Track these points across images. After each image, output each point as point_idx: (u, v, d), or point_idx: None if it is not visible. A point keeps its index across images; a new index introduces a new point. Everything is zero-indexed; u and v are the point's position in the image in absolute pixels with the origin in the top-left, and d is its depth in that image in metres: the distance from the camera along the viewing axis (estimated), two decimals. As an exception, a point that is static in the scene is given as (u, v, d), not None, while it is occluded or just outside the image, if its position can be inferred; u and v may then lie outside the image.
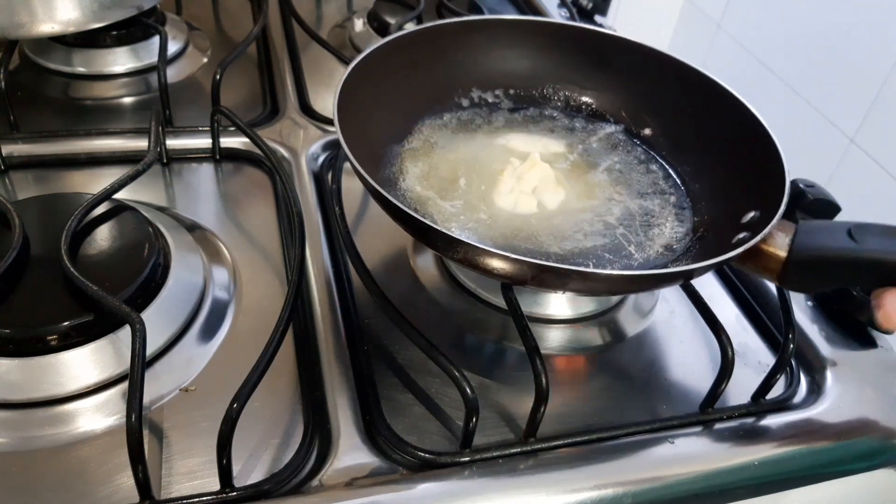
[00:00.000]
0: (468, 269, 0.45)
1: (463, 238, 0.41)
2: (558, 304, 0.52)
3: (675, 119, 0.59)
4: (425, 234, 0.44)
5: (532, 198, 0.53)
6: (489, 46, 0.61)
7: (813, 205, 0.56)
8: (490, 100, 0.62)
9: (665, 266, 0.49)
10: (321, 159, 0.65)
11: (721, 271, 0.60)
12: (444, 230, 0.41)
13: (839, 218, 0.57)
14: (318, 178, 0.62)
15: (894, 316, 0.42)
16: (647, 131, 0.61)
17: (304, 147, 0.64)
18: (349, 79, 0.50)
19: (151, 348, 0.45)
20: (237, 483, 0.39)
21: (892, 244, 0.43)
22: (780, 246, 0.44)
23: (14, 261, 0.45)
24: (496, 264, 0.41)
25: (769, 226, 0.44)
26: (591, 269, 0.42)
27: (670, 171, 0.58)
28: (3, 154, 0.59)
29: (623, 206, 0.54)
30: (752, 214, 0.49)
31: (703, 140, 0.57)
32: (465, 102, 0.61)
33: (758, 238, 0.43)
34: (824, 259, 0.44)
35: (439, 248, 0.44)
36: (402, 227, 0.46)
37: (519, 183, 0.53)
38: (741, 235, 0.47)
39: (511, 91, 0.63)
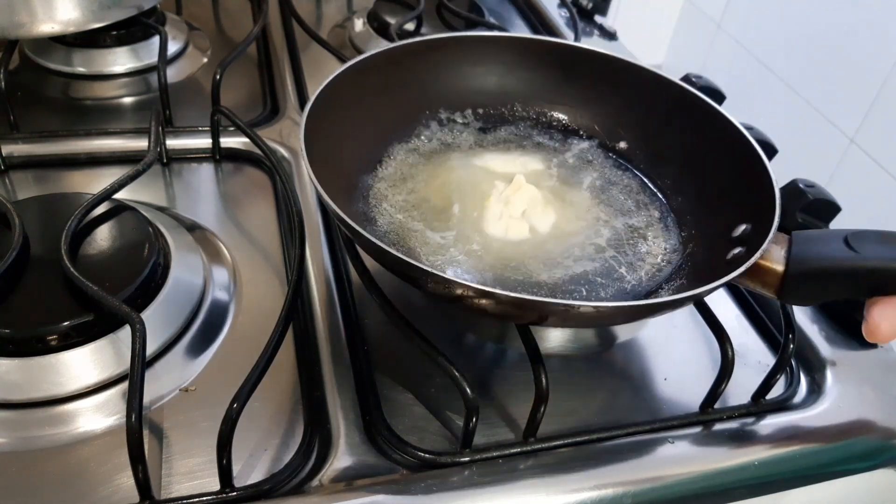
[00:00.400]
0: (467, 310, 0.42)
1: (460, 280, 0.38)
2: (558, 304, 0.52)
3: (649, 131, 0.58)
4: (417, 281, 0.42)
5: (523, 222, 0.52)
6: (455, 65, 0.60)
7: (813, 205, 0.56)
8: (459, 120, 0.60)
9: (659, 287, 0.49)
10: (321, 159, 0.65)
11: (721, 271, 0.60)
12: (438, 272, 0.39)
13: (839, 218, 0.57)
14: (318, 178, 0.62)
15: (879, 328, 0.41)
16: (623, 144, 0.59)
17: (304, 147, 0.64)
18: (313, 110, 0.48)
19: (151, 348, 0.45)
20: (237, 483, 0.39)
21: (890, 251, 0.42)
22: (776, 259, 0.43)
23: (14, 261, 0.45)
24: (491, 304, 0.39)
25: (766, 241, 0.42)
26: (591, 304, 0.41)
27: (650, 184, 0.57)
28: (4, 154, 0.59)
29: (609, 226, 0.53)
30: (742, 228, 0.48)
31: (681, 151, 0.56)
32: (434, 125, 0.59)
33: (757, 255, 0.42)
34: (823, 270, 0.42)
35: (428, 290, 0.42)
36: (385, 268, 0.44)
37: (507, 207, 0.52)
38: (736, 251, 0.46)
39: (480, 110, 0.61)
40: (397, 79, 0.57)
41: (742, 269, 0.41)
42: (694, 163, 0.55)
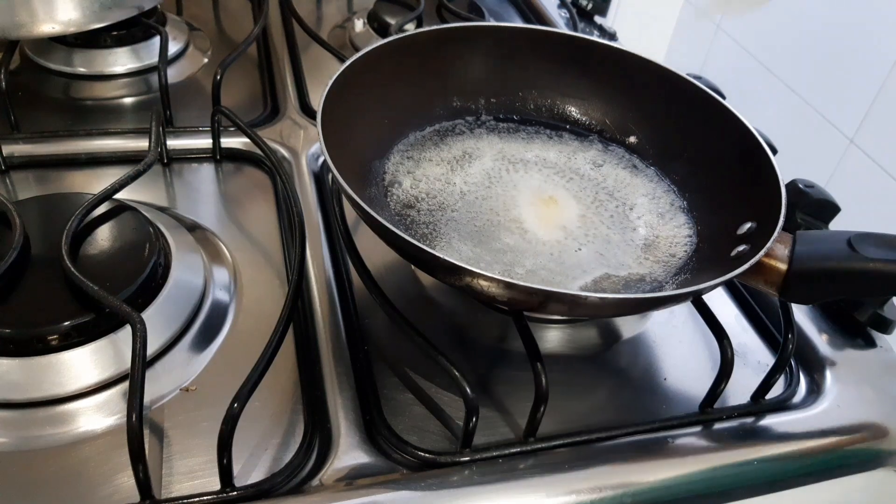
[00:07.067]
0: (475, 297, 0.43)
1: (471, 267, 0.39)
2: (558, 304, 0.52)
3: (660, 126, 0.58)
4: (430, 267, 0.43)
5: (555, 227, 0.52)
6: (469, 55, 0.60)
7: (812, 205, 0.56)
8: (472, 108, 0.61)
9: (665, 282, 0.49)
10: (321, 159, 0.65)
11: (721, 271, 0.60)
12: (451, 260, 0.39)
13: (839, 218, 0.57)
14: (318, 178, 0.62)
15: None
16: (633, 139, 0.60)
17: (304, 147, 0.65)
18: (329, 97, 0.48)
19: (152, 348, 0.45)
20: (237, 483, 0.39)
21: (892, 255, 0.42)
22: (779, 258, 0.43)
23: (15, 261, 0.45)
24: (502, 292, 0.40)
25: (771, 239, 0.43)
26: (597, 295, 0.41)
27: (660, 181, 0.57)
28: (4, 154, 0.59)
29: (618, 221, 0.54)
30: (748, 226, 0.48)
31: (691, 147, 0.56)
32: (448, 113, 0.60)
33: (762, 253, 0.42)
34: (825, 270, 0.43)
35: (440, 276, 0.43)
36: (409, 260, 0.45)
37: (535, 209, 0.53)
38: (740, 248, 0.46)
39: (493, 100, 0.61)
40: (411, 67, 0.57)
41: (746, 266, 0.41)
42: (702, 159, 0.55)
